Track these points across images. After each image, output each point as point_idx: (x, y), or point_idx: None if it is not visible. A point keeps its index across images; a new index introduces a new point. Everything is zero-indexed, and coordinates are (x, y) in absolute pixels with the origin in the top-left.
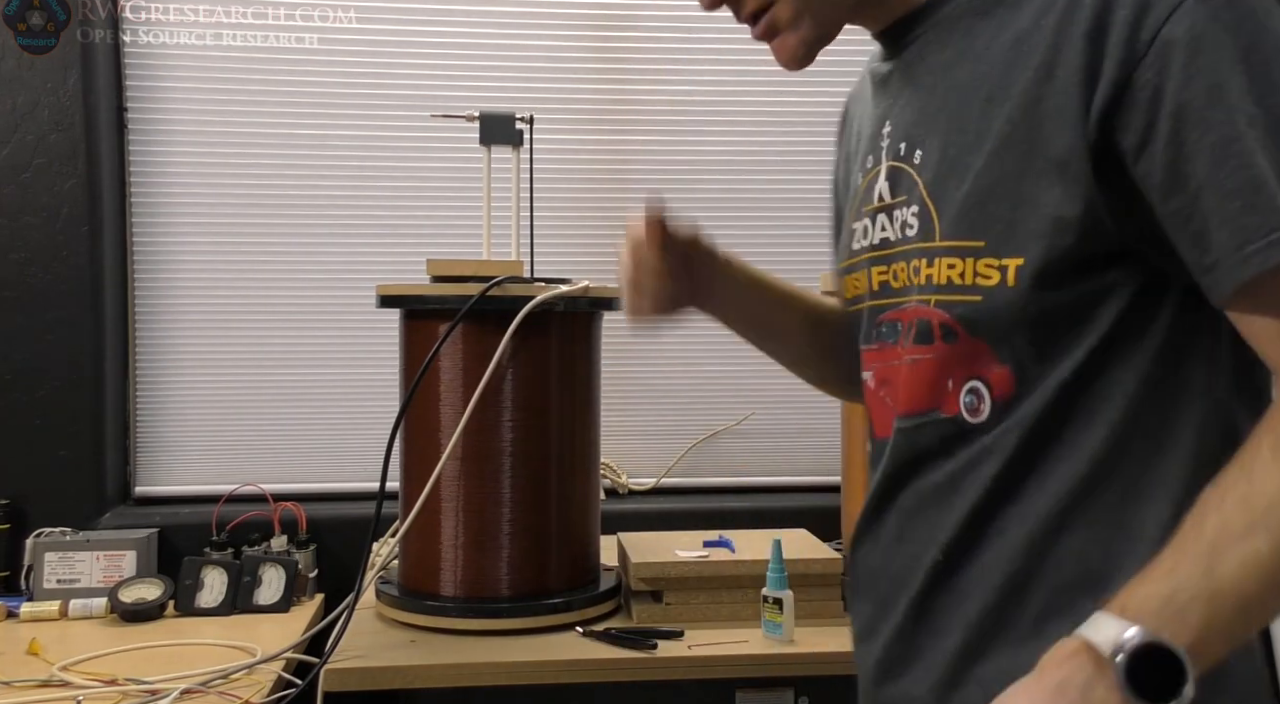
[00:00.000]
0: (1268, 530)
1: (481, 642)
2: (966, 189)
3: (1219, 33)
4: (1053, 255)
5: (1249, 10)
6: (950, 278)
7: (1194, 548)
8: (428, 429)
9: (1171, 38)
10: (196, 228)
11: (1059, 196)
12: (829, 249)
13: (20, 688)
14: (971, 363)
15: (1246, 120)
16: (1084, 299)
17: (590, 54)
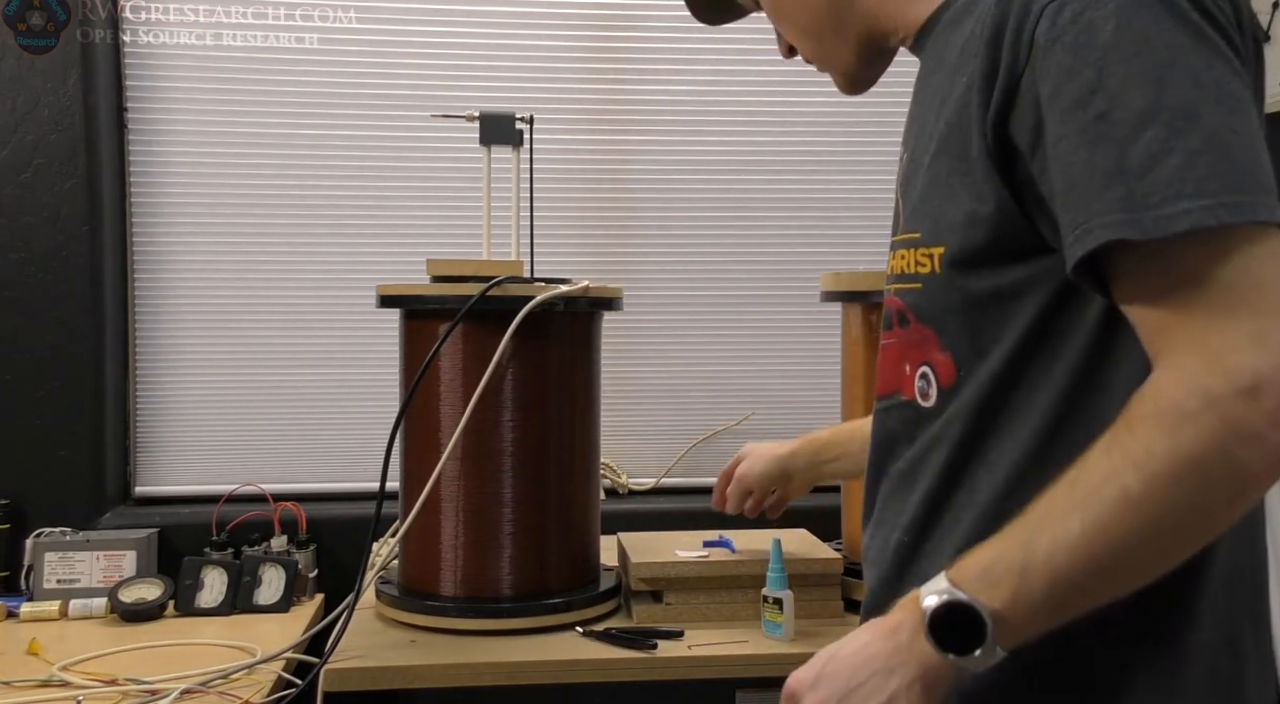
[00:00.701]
0: (1082, 514)
1: (481, 642)
2: (918, 187)
3: (1075, 33)
4: (967, 245)
5: (1101, 12)
6: (903, 268)
7: (1022, 524)
8: (428, 429)
9: (1039, 40)
10: (196, 228)
11: (974, 194)
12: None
13: (20, 688)
14: (922, 348)
15: (1093, 117)
16: (1005, 290)
17: (590, 54)
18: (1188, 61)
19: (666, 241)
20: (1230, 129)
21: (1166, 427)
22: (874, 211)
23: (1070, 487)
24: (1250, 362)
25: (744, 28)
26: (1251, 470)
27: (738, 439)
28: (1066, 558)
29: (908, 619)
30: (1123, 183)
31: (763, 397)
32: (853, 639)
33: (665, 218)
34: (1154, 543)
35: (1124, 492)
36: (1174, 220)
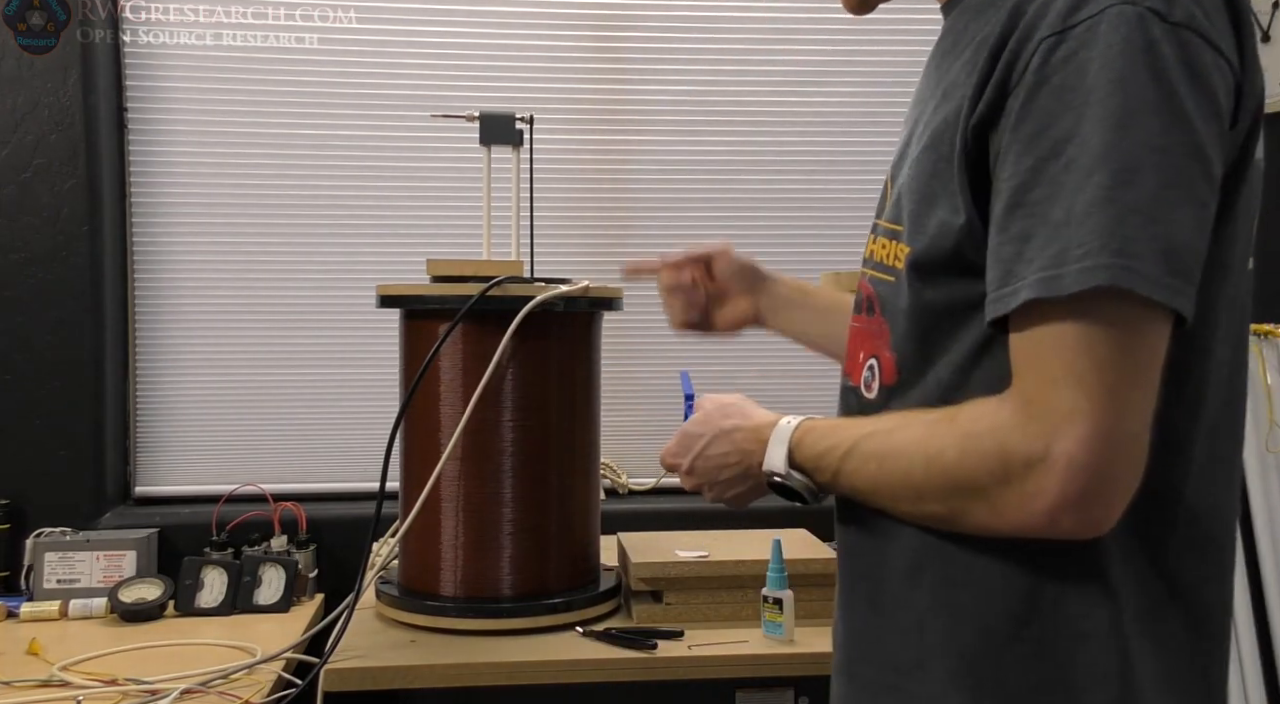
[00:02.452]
0: (880, 463)
1: (481, 642)
2: (904, 176)
3: (1065, 75)
4: (931, 252)
5: (1105, 53)
6: (882, 257)
7: (854, 434)
8: (428, 429)
9: (1029, 71)
10: (196, 228)
11: (950, 202)
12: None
13: (20, 688)
14: (876, 340)
15: (1060, 167)
16: (959, 303)
17: (590, 54)
18: (1147, 122)
19: (666, 241)
20: (1164, 202)
21: (960, 448)
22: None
23: (889, 434)
24: (1047, 438)
25: (744, 28)
26: (1005, 518)
27: None
28: (861, 487)
29: (751, 456)
30: (1064, 235)
31: (762, 397)
32: (720, 439)
33: (665, 218)
34: (918, 514)
35: (909, 470)
36: (1090, 274)
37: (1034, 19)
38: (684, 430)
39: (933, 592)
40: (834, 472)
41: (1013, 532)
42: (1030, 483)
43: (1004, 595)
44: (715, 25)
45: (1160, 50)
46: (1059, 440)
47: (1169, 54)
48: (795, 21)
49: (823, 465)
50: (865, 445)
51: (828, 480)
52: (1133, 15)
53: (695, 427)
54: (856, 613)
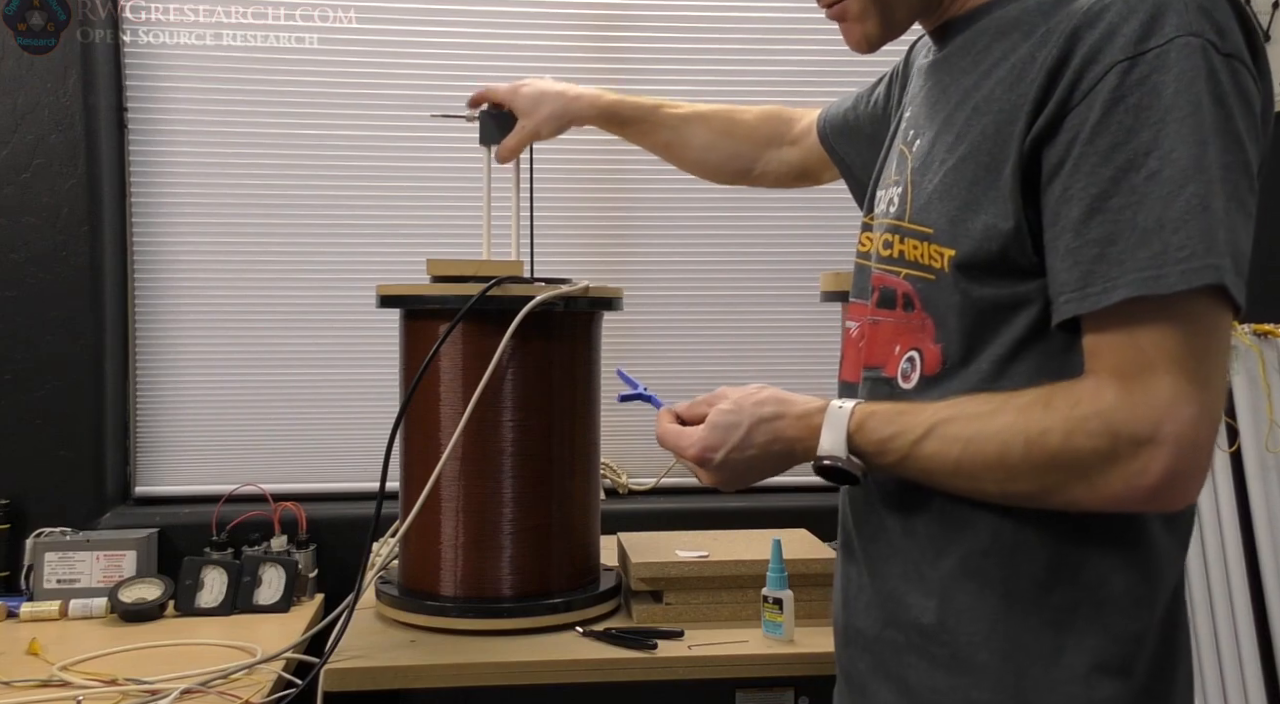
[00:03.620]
0: (965, 447)
1: (481, 642)
2: (935, 181)
3: (1142, 95)
4: (979, 255)
5: (1179, 79)
6: (916, 257)
7: (928, 419)
8: (428, 429)
9: (1100, 91)
10: (196, 228)
11: (998, 209)
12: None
13: (20, 688)
14: (917, 333)
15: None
16: (1004, 301)
17: (590, 54)
18: (1221, 137)
19: (666, 241)
20: (1240, 209)
21: (1066, 429)
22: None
23: (975, 418)
24: (1154, 418)
25: (744, 28)
26: (1106, 495)
27: None
28: (937, 469)
29: (798, 443)
30: (1159, 239)
31: None
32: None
33: (665, 218)
34: (1002, 493)
35: (1005, 451)
36: (1197, 274)
37: (1100, 43)
38: (714, 422)
39: (961, 561)
40: (904, 455)
41: (1106, 507)
42: (1138, 461)
43: (1029, 563)
44: (715, 25)
45: (1220, 78)
46: (1168, 422)
47: (1225, 82)
48: (795, 21)
49: (890, 448)
50: (947, 429)
51: (891, 463)
52: (1197, 45)
53: (728, 417)
54: (887, 582)
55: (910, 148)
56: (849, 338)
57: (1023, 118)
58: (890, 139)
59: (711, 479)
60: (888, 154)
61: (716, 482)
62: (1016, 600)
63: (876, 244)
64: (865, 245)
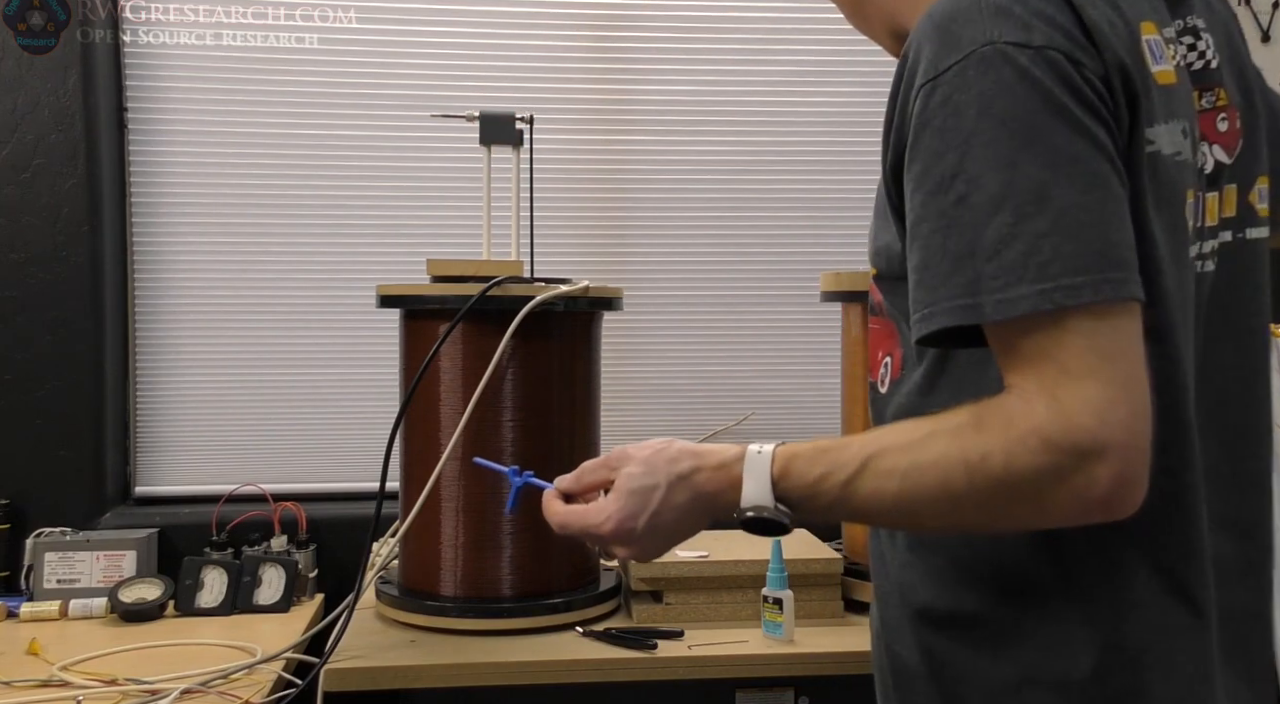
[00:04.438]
0: (903, 481)
1: (481, 642)
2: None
3: (943, 117)
4: (886, 271)
5: (981, 96)
6: (877, 265)
7: (855, 455)
8: (428, 429)
9: (912, 117)
10: (196, 228)
11: (886, 232)
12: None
13: (20, 688)
14: (890, 339)
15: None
16: None
17: (590, 54)
18: (1045, 141)
19: (666, 241)
20: (1081, 208)
21: (1006, 451)
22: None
23: (907, 449)
24: (1091, 428)
25: (744, 28)
26: (1056, 512)
27: (737, 439)
28: (875, 507)
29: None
30: (971, 267)
31: (763, 397)
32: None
33: (665, 218)
34: (948, 524)
35: (947, 480)
36: (1013, 305)
37: (913, 68)
38: (626, 489)
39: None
40: (836, 497)
41: (1055, 524)
42: (1082, 474)
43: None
44: (715, 25)
45: (1034, 74)
46: (1105, 429)
47: (1043, 75)
48: (795, 21)
49: (820, 491)
50: (880, 463)
51: (824, 505)
52: (995, 54)
53: (642, 480)
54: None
55: None
56: None
57: (882, 147)
58: None
59: (630, 552)
60: None
61: (635, 553)
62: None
63: None
64: None
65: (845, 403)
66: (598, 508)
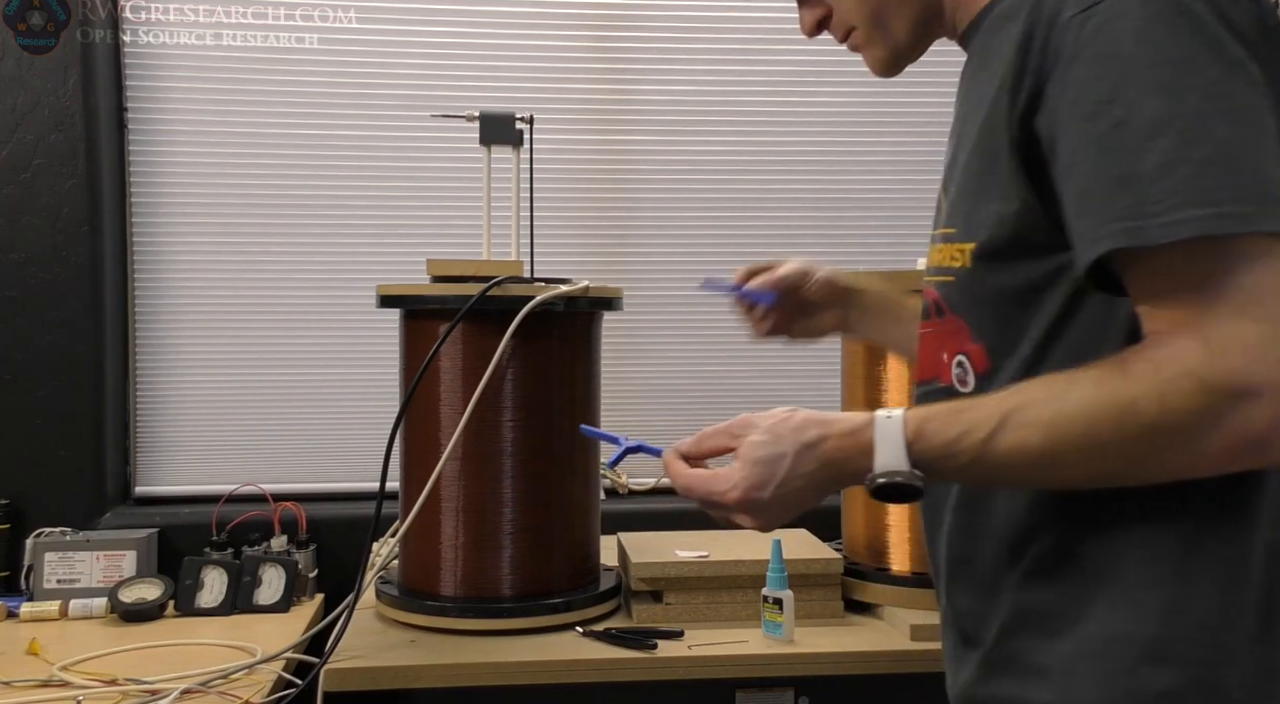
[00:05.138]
0: (1048, 432)
1: (481, 642)
2: (955, 184)
3: (1098, 45)
4: (994, 241)
5: (1124, 24)
6: (940, 261)
7: (995, 409)
8: (428, 429)
9: (1063, 52)
10: (196, 228)
11: (1000, 193)
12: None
13: (20, 688)
14: (957, 338)
15: (1109, 125)
16: (1032, 284)
17: (590, 54)
18: (1203, 73)
19: (666, 241)
20: (1240, 141)
21: (1158, 394)
22: (875, 211)
23: (1049, 401)
24: (1247, 367)
25: (744, 28)
26: (1208, 457)
27: None
28: (1017, 462)
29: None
30: (1134, 190)
31: (763, 397)
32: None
33: (665, 218)
34: (1095, 476)
35: (1094, 429)
36: (1178, 227)
37: (1056, 6)
38: (753, 457)
39: (954, 512)
40: (974, 455)
41: (1209, 470)
42: (1239, 415)
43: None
44: (715, 25)
45: (1191, 7)
46: (1262, 367)
47: (1200, 9)
48: (795, 21)
49: (958, 450)
50: (1022, 416)
51: (960, 465)
52: None
53: (769, 449)
54: None
55: (947, 159)
56: None
57: (1005, 97)
58: None
59: (756, 522)
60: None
61: (760, 524)
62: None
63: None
64: None
65: (845, 403)
66: (723, 475)
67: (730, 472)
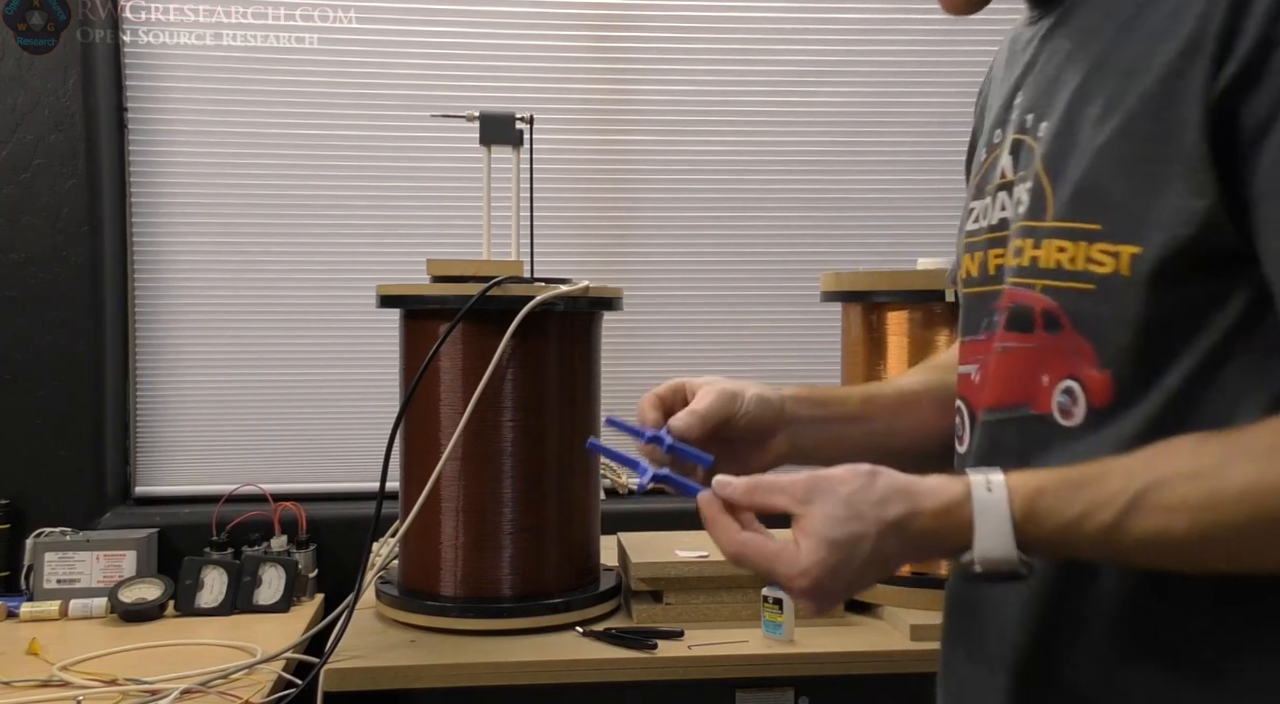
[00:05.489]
0: (1195, 518)
1: (481, 642)
2: (1087, 166)
3: None
4: (1172, 247)
5: None
6: (1060, 262)
7: (1127, 487)
8: (428, 429)
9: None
10: (196, 228)
11: (1189, 184)
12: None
13: (20, 688)
14: (1071, 359)
15: None
16: (1199, 302)
17: (590, 54)
18: None
19: (666, 241)
20: None
21: None
22: (875, 211)
23: (1197, 477)
24: None
25: (744, 28)
26: None
27: None
28: (1152, 550)
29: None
30: None
31: None
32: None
33: (665, 218)
34: (1255, 565)
35: (1258, 513)
36: None
37: None
38: (827, 538)
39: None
40: (1099, 539)
41: None
42: None
43: None
44: (715, 25)
45: None
46: None
47: None
48: (795, 21)
49: (1077, 535)
50: (1162, 497)
51: (1082, 548)
52: None
53: (848, 527)
54: None
55: (1033, 134)
56: (968, 385)
57: (1201, 67)
58: (990, 137)
59: (818, 606)
60: (989, 154)
61: (826, 608)
62: None
63: (987, 265)
64: (969, 271)
65: None
66: (790, 557)
67: (800, 555)
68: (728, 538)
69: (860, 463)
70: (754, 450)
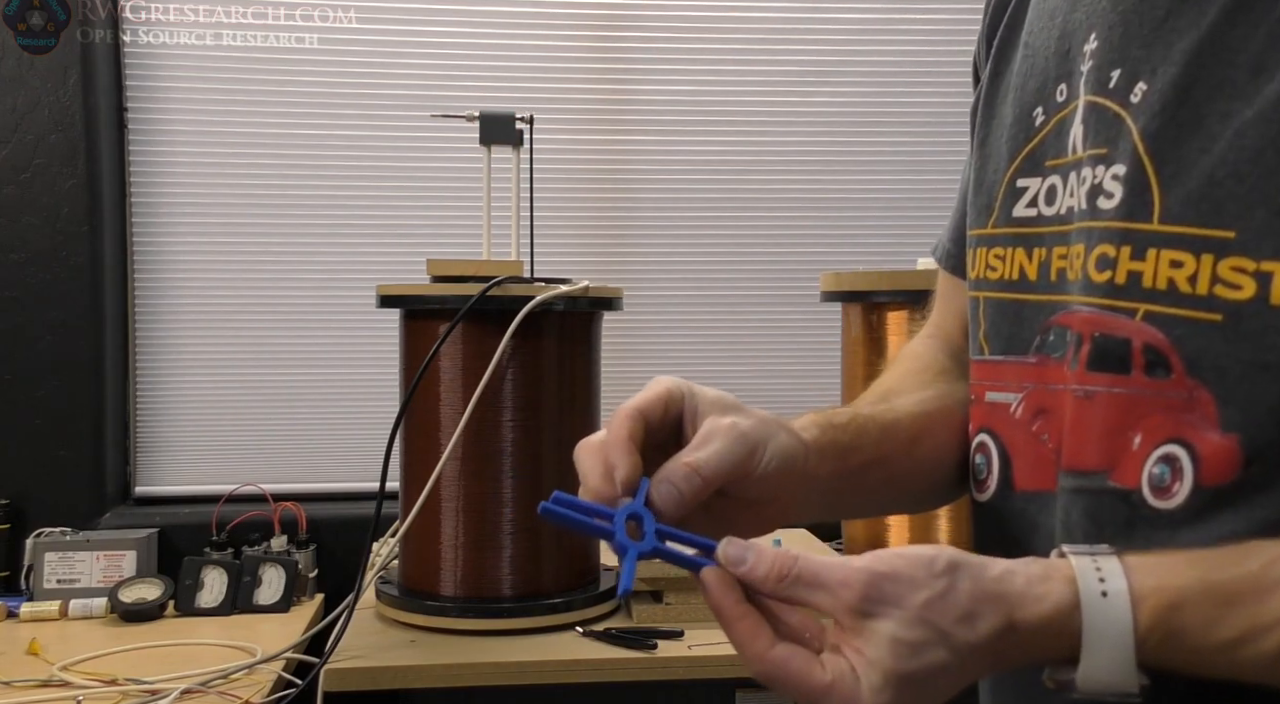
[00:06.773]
0: None
1: (481, 642)
2: (1220, 150)
3: None
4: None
5: None
6: (1174, 280)
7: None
8: (428, 429)
9: None
10: (196, 228)
11: None
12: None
13: (20, 688)
14: (1178, 416)
15: None
16: None
17: (590, 54)
18: None
19: (666, 241)
20: None
21: None
22: (874, 211)
23: None
24: None
25: (744, 28)
26: None
27: None
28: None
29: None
30: None
31: (763, 397)
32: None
33: (665, 218)
34: None
35: None
36: None
37: None
38: (894, 671)
39: None
40: (1258, 665)
41: None
42: None
43: None
44: (715, 25)
45: None
46: None
47: None
48: (795, 21)
49: (1226, 659)
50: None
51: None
52: None
53: (923, 658)
54: None
55: (1126, 99)
56: (1008, 422)
57: None
58: (1040, 92)
59: None
60: (1051, 118)
61: None
62: None
63: (1036, 265)
64: (1000, 268)
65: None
66: (847, 694)
67: (861, 690)
68: (754, 651)
69: (923, 546)
70: (746, 510)
